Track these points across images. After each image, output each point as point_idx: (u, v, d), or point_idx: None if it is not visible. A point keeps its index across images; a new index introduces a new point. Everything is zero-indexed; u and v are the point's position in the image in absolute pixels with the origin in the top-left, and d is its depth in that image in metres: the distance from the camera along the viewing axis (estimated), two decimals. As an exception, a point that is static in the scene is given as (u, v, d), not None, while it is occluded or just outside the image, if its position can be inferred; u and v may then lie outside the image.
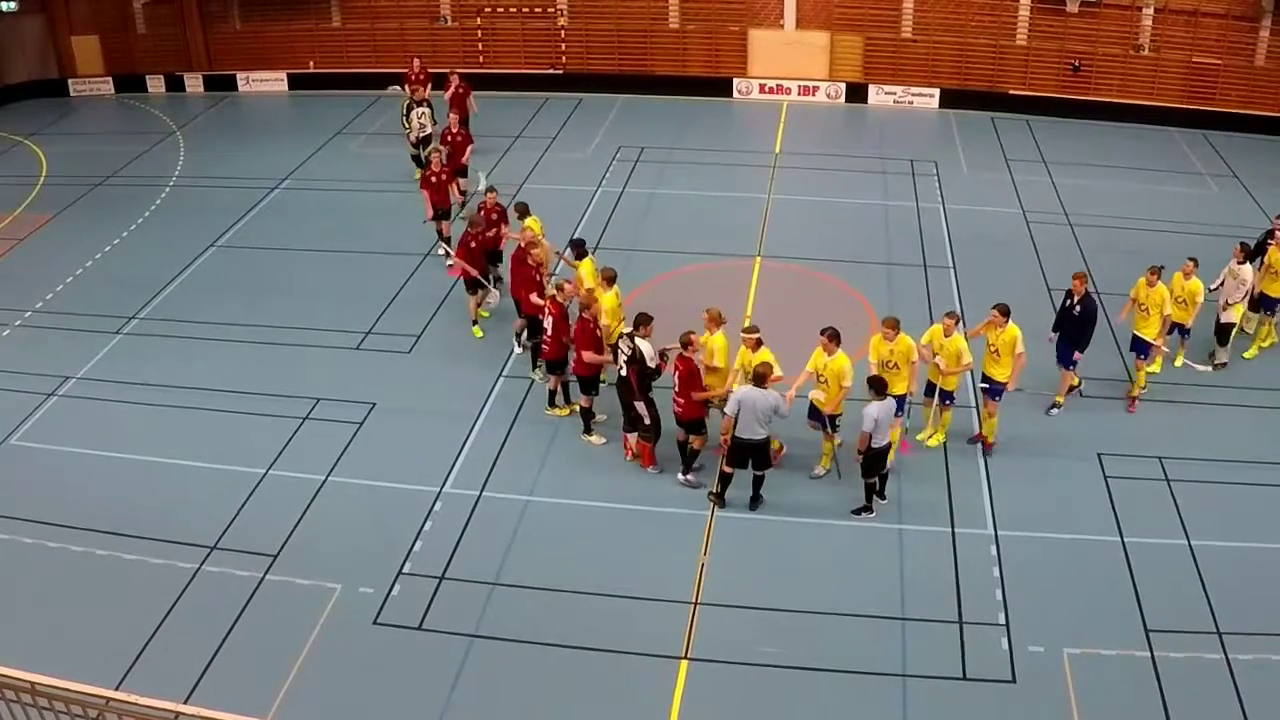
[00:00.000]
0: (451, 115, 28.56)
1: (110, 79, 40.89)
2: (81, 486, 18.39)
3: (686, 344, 17.24)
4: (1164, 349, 20.08)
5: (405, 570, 16.30)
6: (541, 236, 21.78)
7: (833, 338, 17.24)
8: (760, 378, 16.40)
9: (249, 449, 19.12)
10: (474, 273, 21.80)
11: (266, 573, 16.26)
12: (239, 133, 36.99)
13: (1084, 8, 35.71)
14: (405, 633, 15.22)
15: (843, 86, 38.24)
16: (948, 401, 18.68)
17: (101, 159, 33.50)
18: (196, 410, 20.33)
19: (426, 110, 29.25)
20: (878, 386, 16.56)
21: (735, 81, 38.86)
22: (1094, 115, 35.87)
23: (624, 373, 17.89)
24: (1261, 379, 20.96)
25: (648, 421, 18.06)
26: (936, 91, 37.50)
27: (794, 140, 34.83)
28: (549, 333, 19.17)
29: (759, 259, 25.87)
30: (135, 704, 11.56)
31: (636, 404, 17.95)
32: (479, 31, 39.89)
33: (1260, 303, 21.59)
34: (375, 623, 15.38)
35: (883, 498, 17.49)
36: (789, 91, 38.52)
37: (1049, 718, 13.86)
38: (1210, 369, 21.16)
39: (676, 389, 17.44)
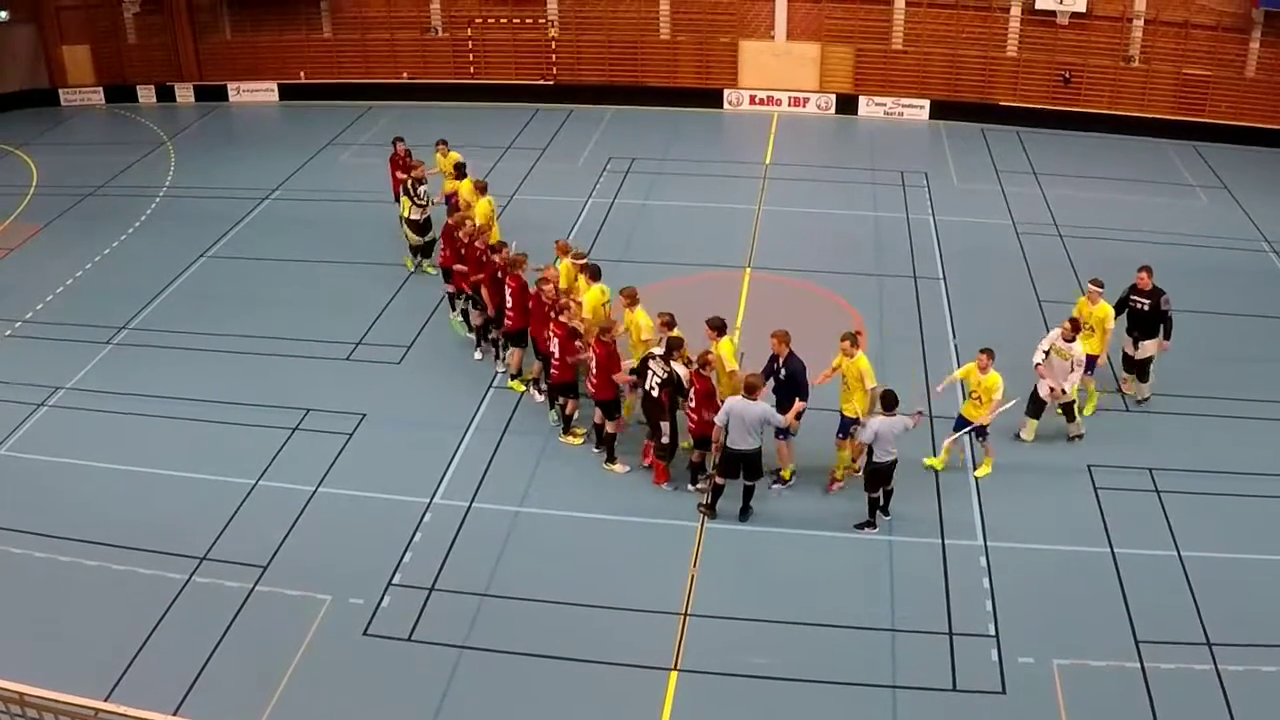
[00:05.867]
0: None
1: (101, 89, 40.91)
2: (71, 497, 18.35)
3: (705, 364, 17.26)
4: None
5: (395, 581, 16.27)
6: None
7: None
8: (750, 389, 16.44)
9: (239, 460, 19.07)
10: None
11: (256, 584, 16.22)
12: (229, 143, 37.00)
13: (1074, 19, 35.83)
14: (395, 644, 15.18)
15: (833, 98, 38.30)
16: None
17: (92, 169, 33.46)
18: (187, 421, 20.30)
19: (425, 189, 25.14)
20: (887, 402, 16.59)
21: (726, 92, 38.93)
22: (1084, 127, 35.98)
23: (656, 394, 17.85)
24: (1253, 391, 21.00)
25: (666, 440, 18.10)
26: (927, 103, 37.60)
27: (784, 151, 34.88)
28: (556, 356, 18.87)
29: (749, 270, 25.90)
30: (125, 715, 11.52)
31: (662, 423, 18.00)
32: (470, 42, 39.92)
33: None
34: (365, 634, 15.35)
35: (886, 514, 17.45)
36: (779, 103, 38.58)
37: (1039, 729, 13.89)
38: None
39: (692, 405, 17.48)
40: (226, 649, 15.07)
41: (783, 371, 17.64)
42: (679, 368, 17.48)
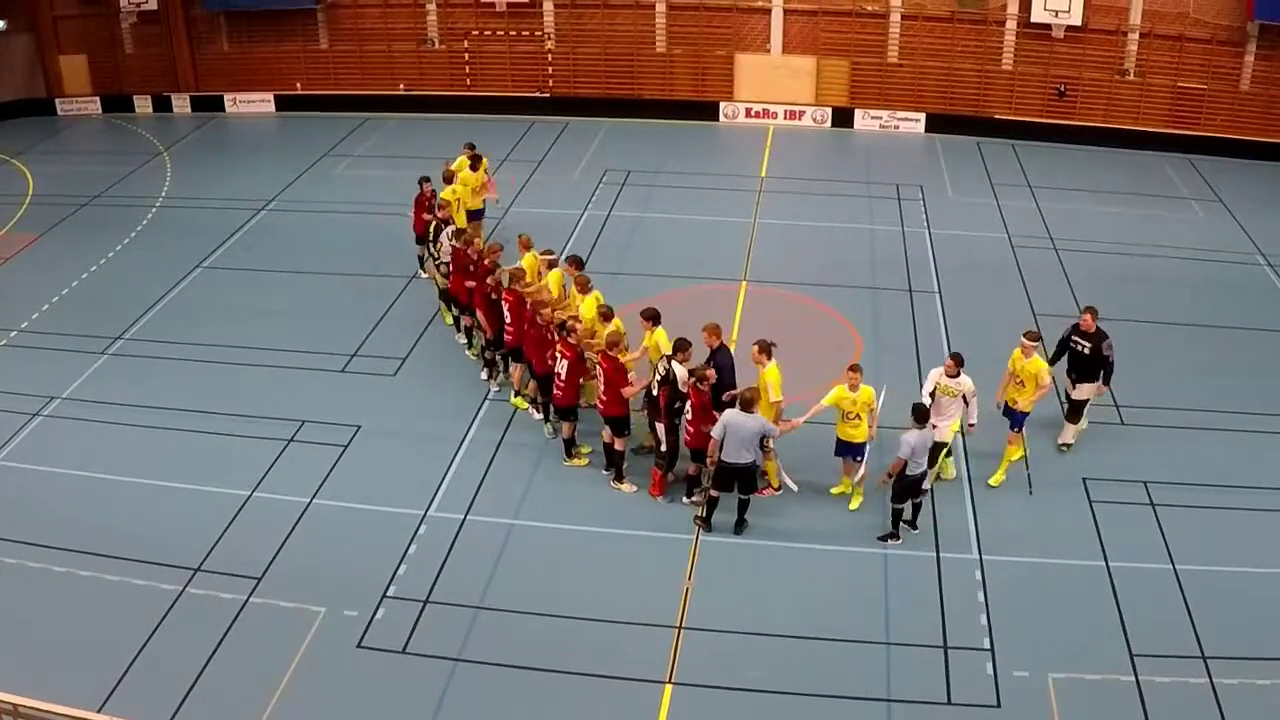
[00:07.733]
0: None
1: (98, 99, 40.85)
2: (65, 507, 18.32)
3: (702, 379, 17.23)
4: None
5: (390, 594, 16.25)
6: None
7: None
8: (747, 403, 16.44)
9: (233, 471, 19.05)
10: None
11: (250, 595, 16.19)
12: (226, 154, 36.99)
13: (1069, 33, 35.90)
14: (389, 656, 15.16)
15: (829, 111, 38.36)
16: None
17: (88, 179, 33.45)
18: (182, 431, 20.27)
19: (452, 229, 23.17)
20: (918, 415, 16.56)
21: (722, 105, 39.00)
22: (1080, 140, 36.02)
23: (655, 393, 17.94)
24: (1247, 404, 21.03)
25: (664, 448, 18.09)
26: (922, 116, 37.64)
27: (780, 164, 34.92)
28: (562, 378, 18.60)
29: (744, 283, 25.92)
30: (117, 727, 11.58)
31: (658, 425, 18.03)
32: (466, 54, 39.97)
33: (1007, 414, 18.66)
34: (359, 646, 15.32)
35: (914, 527, 17.40)
36: (775, 115, 38.64)
37: (1034, 743, 13.88)
38: (796, 489, 18.04)
39: (689, 418, 17.50)
40: (220, 660, 15.03)
41: (710, 364, 17.69)
42: (678, 368, 17.50)
